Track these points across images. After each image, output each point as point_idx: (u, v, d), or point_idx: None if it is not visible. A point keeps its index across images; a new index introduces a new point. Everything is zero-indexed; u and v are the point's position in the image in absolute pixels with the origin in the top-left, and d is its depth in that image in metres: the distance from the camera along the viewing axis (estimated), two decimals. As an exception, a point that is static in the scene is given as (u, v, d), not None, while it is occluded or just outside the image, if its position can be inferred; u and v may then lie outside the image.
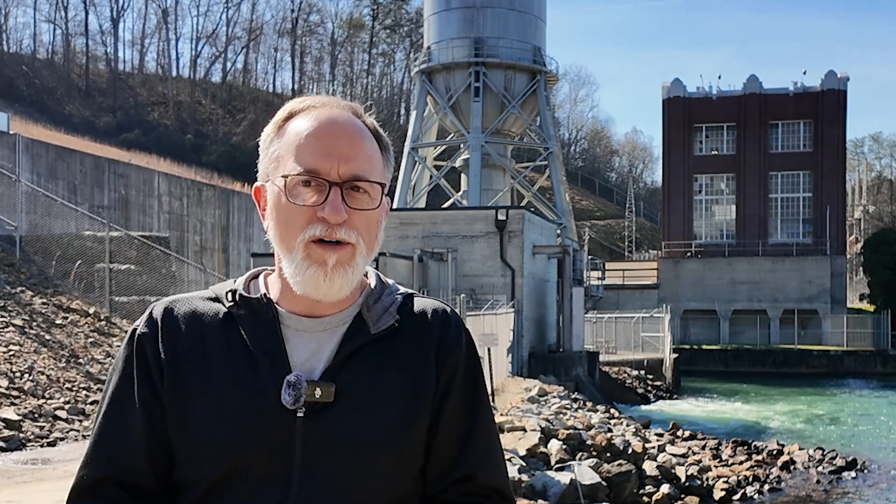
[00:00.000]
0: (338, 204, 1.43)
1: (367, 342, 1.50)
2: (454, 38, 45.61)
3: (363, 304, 1.54)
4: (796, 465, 17.84)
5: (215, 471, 1.42)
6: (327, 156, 1.44)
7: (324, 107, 1.50)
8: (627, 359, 36.95)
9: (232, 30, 78.86)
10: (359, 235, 1.46)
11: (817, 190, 57.26)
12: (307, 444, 1.42)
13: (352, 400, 1.45)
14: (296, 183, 1.45)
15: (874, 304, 54.37)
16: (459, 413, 1.53)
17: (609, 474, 13.64)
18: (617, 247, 78.41)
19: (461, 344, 1.55)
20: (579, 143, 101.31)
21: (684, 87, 59.68)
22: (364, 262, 1.49)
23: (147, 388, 1.48)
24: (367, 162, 1.47)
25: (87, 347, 13.67)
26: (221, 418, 1.43)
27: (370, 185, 1.47)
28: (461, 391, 1.54)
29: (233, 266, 32.27)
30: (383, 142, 1.55)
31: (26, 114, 51.69)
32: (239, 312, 1.52)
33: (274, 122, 1.53)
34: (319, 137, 1.46)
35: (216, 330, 1.51)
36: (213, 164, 57.06)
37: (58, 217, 18.30)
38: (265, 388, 1.44)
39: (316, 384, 1.43)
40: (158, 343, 1.50)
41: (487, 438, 1.55)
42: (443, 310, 1.58)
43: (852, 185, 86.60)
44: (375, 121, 1.56)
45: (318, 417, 1.43)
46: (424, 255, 27.47)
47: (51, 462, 8.96)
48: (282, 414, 1.43)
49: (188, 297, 1.57)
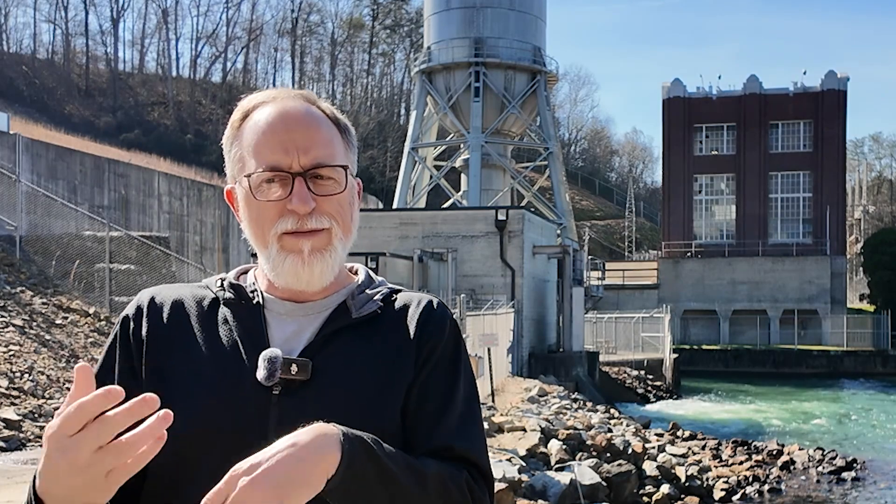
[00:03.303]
0: (304, 194, 1.44)
1: (347, 325, 1.51)
2: (454, 38, 45.62)
3: (348, 293, 1.55)
4: (796, 465, 17.84)
5: (186, 445, 1.40)
6: (285, 150, 1.45)
7: (275, 101, 1.51)
8: (627, 359, 36.95)
9: (232, 30, 78.98)
10: (331, 220, 1.47)
11: (817, 190, 57.27)
12: (281, 422, 1.40)
13: (328, 380, 1.45)
14: (260, 181, 1.46)
15: (874, 304, 54.37)
16: (438, 386, 1.51)
17: (609, 474, 13.64)
18: (617, 247, 78.41)
19: (444, 330, 1.54)
20: (579, 143, 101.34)
21: (684, 87, 59.69)
22: (342, 246, 1.50)
23: (125, 366, 1.50)
24: (325, 148, 1.48)
25: (87, 347, 13.67)
26: (196, 390, 1.44)
27: (333, 170, 1.47)
28: (439, 366, 1.52)
29: (233, 266, 32.00)
30: (341, 124, 1.55)
31: (26, 114, 51.68)
32: (225, 295, 1.54)
33: (230, 124, 1.54)
34: (275, 132, 1.46)
35: (200, 311, 1.53)
36: (213, 164, 56.97)
37: (58, 217, 18.30)
38: (242, 364, 1.45)
39: (292, 360, 1.43)
40: (142, 323, 1.52)
41: (466, 411, 1.52)
42: (427, 301, 1.58)
43: (852, 185, 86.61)
44: (331, 105, 1.56)
45: (294, 395, 1.43)
46: (424, 255, 27.47)
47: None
48: (257, 390, 1.42)
49: (176, 285, 1.60)
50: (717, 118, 58.84)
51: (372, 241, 26.74)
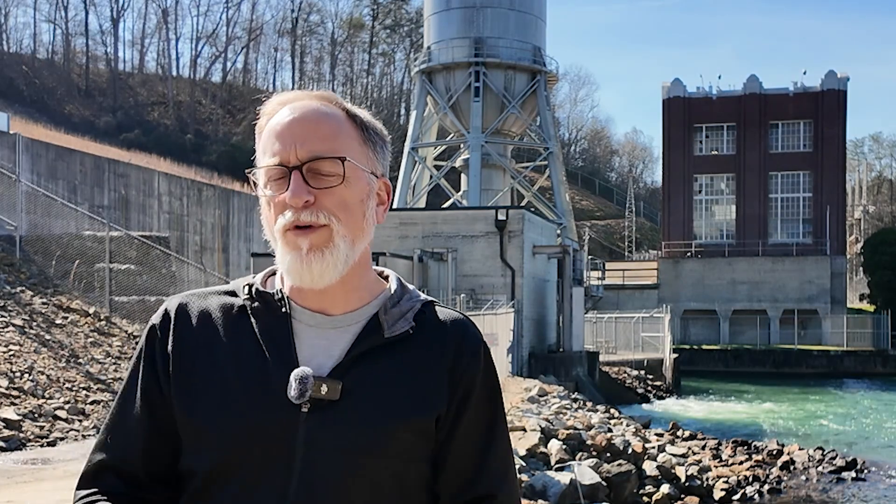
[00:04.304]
0: (297, 186, 1.42)
1: (379, 345, 1.49)
2: (454, 38, 45.62)
3: (381, 306, 1.53)
4: (796, 465, 17.83)
5: (216, 460, 1.41)
6: (284, 143, 1.45)
7: (291, 101, 1.51)
8: (627, 359, 36.95)
9: (232, 30, 78.92)
10: (331, 215, 1.44)
11: (817, 190, 57.27)
12: (309, 440, 1.41)
13: (358, 400, 1.44)
14: (267, 177, 1.47)
15: (874, 304, 54.37)
16: (478, 429, 1.52)
17: (609, 474, 13.64)
18: (617, 247, 78.40)
19: (478, 359, 1.53)
20: (579, 143, 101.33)
21: (684, 87, 59.69)
22: (347, 245, 1.47)
23: (151, 379, 1.49)
24: (325, 142, 1.45)
25: (87, 347, 13.67)
26: (224, 406, 1.43)
27: (333, 164, 1.44)
28: (480, 405, 1.52)
29: (233, 266, 32.27)
30: (363, 123, 1.52)
31: (26, 114, 51.66)
32: (253, 305, 1.52)
33: (257, 127, 1.55)
34: (279, 128, 1.47)
35: (229, 321, 1.51)
36: (213, 164, 57.03)
37: (58, 217, 18.30)
38: (271, 381, 1.44)
39: (322, 380, 1.42)
40: (169, 334, 1.50)
41: (506, 459, 1.55)
42: (462, 322, 1.56)
43: (852, 185, 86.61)
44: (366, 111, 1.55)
45: (322, 414, 1.42)
46: (424, 255, 27.47)
47: (51, 462, 8.95)
48: (286, 407, 1.42)
49: (205, 291, 1.57)
50: (717, 118, 58.85)
51: (372, 241, 26.69)
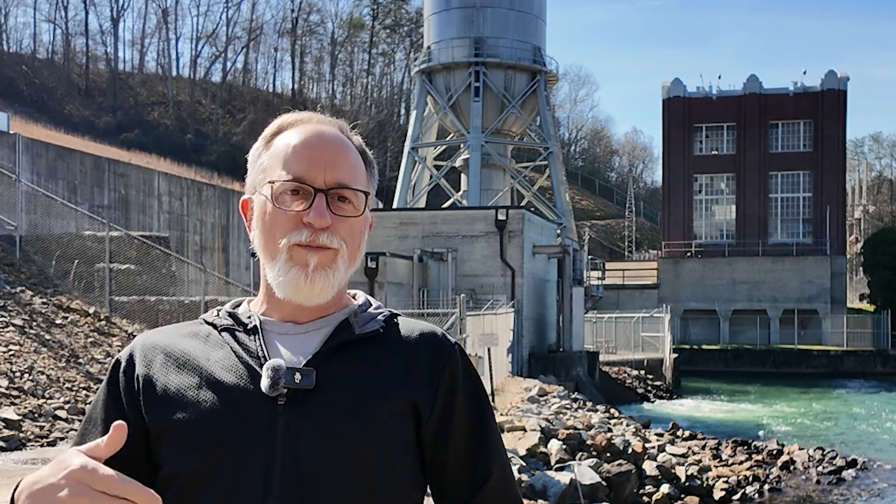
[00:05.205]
0: (323, 209, 1.48)
1: (350, 340, 1.53)
2: (454, 37, 45.61)
3: (350, 312, 1.57)
4: (796, 465, 17.84)
5: (196, 461, 1.42)
6: (314, 164, 1.50)
7: (311, 121, 1.57)
8: (627, 359, 36.94)
9: (232, 30, 78.88)
10: (342, 241, 1.50)
11: (817, 190, 57.27)
12: (289, 433, 1.42)
13: (334, 389, 1.46)
14: (283, 191, 1.50)
15: (874, 304, 54.37)
16: (471, 422, 1.56)
17: (609, 474, 13.65)
18: (617, 247, 78.40)
19: (456, 356, 1.57)
20: (579, 143, 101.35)
21: (684, 87, 59.69)
22: (345, 269, 1.52)
23: (115, 413, 1.49)
24: (351, 172, 1.53)
25: (87, 347, 13.67)
26: (202, 410, 1.44)
27: (354, 194, 1.52)
28: (468, 401, 1.56)
29: (233, 266, 32.29)
30: (367, 158, 1.61)
31: (26, 114, 51.67)
32: (222, 323, 1.56)
33: (263, 136, 1.59)
34: (307, 147, 1.51)
35: (197, 342, 1.55)
36: (213, 164, 57.05)
37: (58, 217, 18.31)
38: (244, 379, 1.46)
39: (296, 369, 1.44)
40: (134, 369, 1.52)
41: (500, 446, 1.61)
42: (433, 328, 1.60)
43: (852, 185, 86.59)
44: (361, 140, 1.63)
45: (300, 405, 1.43)
46: (424, 255, 27.48)
47: (51, 462, 8.95)
48: (262, 401, 1.43)
49: (171, 326, 1.62)
50: (717, 118, 58.85)
51: (372, 241, 26.66)
